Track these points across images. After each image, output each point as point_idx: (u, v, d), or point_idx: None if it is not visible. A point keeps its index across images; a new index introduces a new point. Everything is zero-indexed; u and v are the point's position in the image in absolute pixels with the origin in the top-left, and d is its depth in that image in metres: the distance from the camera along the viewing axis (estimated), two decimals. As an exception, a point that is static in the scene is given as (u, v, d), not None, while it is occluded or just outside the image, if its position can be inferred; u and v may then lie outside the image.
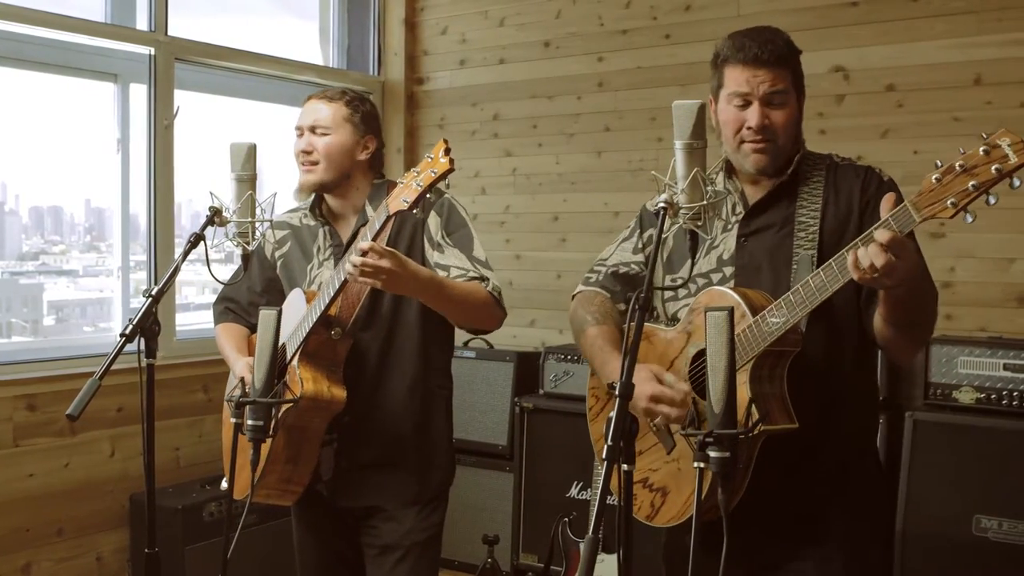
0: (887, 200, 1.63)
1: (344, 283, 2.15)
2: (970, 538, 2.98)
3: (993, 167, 1.51)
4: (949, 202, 1.55)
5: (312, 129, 2.36)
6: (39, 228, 4.14)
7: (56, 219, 4.20)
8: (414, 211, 2.03)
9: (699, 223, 1.69)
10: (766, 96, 1.88)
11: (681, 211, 1.68)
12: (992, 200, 1.54)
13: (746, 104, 1.89)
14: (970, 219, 1.55)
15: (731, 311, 1.52)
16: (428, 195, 2.05)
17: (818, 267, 1.77)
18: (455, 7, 4.64)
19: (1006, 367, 3.07)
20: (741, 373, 1.71)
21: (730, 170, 2.03)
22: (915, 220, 1.58)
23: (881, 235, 1.58)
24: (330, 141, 2.35)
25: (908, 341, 1.86)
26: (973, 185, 1.53)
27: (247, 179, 2.14)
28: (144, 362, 1.99)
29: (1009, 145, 1.51)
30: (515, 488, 3.92)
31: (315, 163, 2.35)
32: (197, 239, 2.11)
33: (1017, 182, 1.52)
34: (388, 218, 2.05)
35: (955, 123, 3.45)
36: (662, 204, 1.67)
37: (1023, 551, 2.91)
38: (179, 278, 4.27)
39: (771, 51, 1.88)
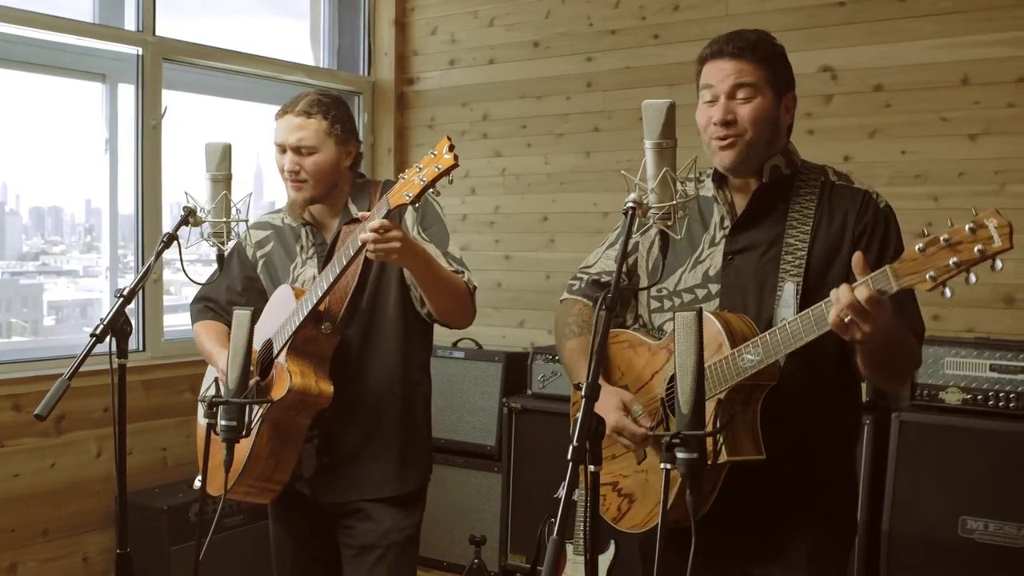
0: (857, 260, 1.61)
1: (339, 276, 2.16)
2: (956, 539, 2.97)
3: (976, 247, 1.48)
4: (928, 275, 1.53)
5: (297, 149, 2.32)
6: (39, 228, 4.15)
7: (56, 219, 4.21)
8: (415, 205, 2.04)
9: (669, 223, 1.68)
10: (731, 89, 1.84)
11: (651, 211, 1.67)
12: (972, 279, 1.50)
13: (714, 100, 1.87)
14: (948, 294, 1.53)
15: (699, 311, 1.51)
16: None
17: (800, 298, 1.76)
18: (445, 7, 4.64)
19: (992, 368, 3.06)
20: (711, 403, 1.69)
21: (720, 179, 1.98)
22: (892, 288, 1.57)
23: (860, 292, 1.57)
24: (318, 160, 2.32)
25: (886, 381, 1.85)
26: (954, 262, 1.50)
27: (222, 179, 2.14)
28: (115, 363, 1.99)
29: (995, 227, 1.47)
30: (503, 489, 3.92)
31: (304, 181, 2.33)
32: (171, 239, 2.11)
33: (1000, 264, 1.48)
34: (388, 212, 2.06)
35: (943, 123, 3.44)
36: (631, 204, 1.67)
37: (1009, 552, 2.91)
38: (179, 278, 4.30)
39: (736, 44, 1.85)
